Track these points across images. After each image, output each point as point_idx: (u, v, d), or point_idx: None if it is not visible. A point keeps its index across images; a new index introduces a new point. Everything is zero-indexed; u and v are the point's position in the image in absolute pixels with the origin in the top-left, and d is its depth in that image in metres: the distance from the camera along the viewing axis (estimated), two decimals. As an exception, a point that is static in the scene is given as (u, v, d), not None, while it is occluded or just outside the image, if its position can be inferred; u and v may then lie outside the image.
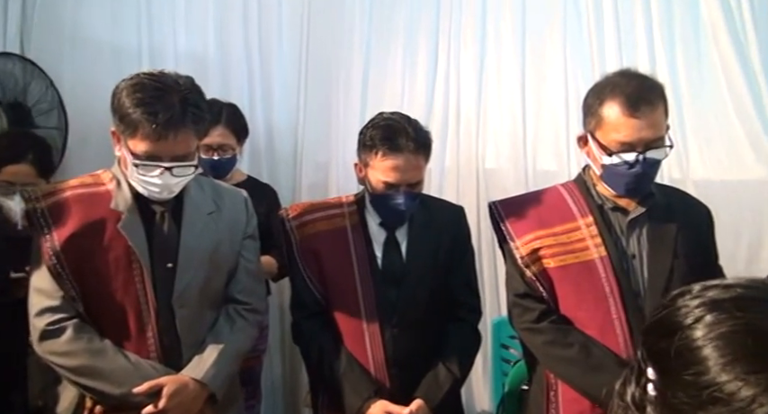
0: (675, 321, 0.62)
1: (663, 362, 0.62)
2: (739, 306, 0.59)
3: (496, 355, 2.30)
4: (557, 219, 1.51)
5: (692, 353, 0.59)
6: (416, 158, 1.58)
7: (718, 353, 0.57)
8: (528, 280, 1.51)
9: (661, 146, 1.40)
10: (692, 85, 2.21)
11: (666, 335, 0.62)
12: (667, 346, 0.61)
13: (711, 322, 0.59)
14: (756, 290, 0.61)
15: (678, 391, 0.60)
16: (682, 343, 0.60)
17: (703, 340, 0.58)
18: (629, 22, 2.25)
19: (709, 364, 0.57)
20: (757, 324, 0.57)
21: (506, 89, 2.45)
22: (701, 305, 0.61)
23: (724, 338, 0.57)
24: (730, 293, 0.61)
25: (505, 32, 2.43)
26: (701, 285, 0.64)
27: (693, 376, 0.58)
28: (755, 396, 0.54)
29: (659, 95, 1.40)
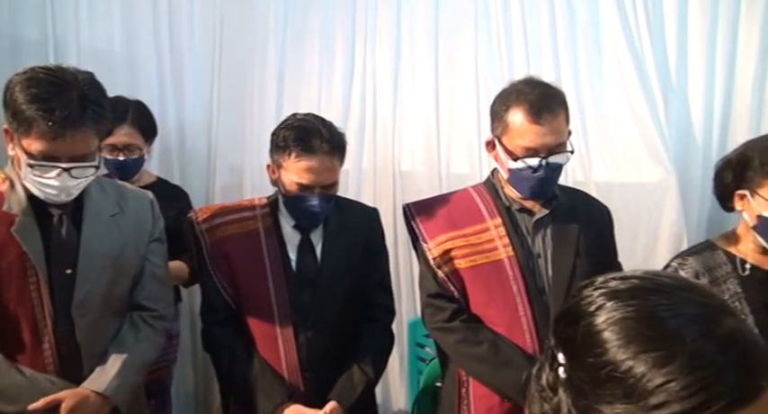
0: (581, 310, 0.68)
1: (570, 347, 0.68)
2: (634, 295, 0.65)
3: (412, 354, 2.33)
4: (467, 220, 1.56)
5: (593, 337, 0.65)
6: (331, 160, 1.57)
7: (615, 336, 0.63)
8: (440, 280, 1.55)
9: (563, 151, 1.47)
10: (594, 93, 2.34)
11: (573, 322, 0.68)
12: (574, 332, 0.67)
13: (610, 309, 0.65)
14: (649, 281, 0.68)
15: (581, 372, 0.66)
16: (585, 329, 0.66)
17: (603, 325, 0.64)
18: (535, 32, 2.35)
19: (607, 346, 0.63)
20: (648, 310, 0.64)
21: (421, 93, 2.49)
22: (602, 295, 0.67)
23: (620, 323, 0.64)
24: (627, 284, 0.67)
25: (419, 38, 2.47)
26: (603, 277, 0.70)
27: (594, 358, 0.64)
28: (645, 373, 0.60)
29: (561, 103, 1.47)
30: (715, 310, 0.64)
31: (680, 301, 0.64)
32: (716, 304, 0.65)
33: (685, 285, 0.67)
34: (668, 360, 0.59)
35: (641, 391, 0.60)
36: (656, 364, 0.60)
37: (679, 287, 0.66)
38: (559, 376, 0.69)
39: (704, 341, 0.60)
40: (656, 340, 0.61)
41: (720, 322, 0.62)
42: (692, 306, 0.64)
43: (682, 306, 0.64)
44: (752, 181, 1.49)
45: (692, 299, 0.65)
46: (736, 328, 0.62)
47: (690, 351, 0.59)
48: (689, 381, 0.58)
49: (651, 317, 0.63)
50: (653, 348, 0.61)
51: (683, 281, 0.69)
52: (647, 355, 0.60)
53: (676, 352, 0.59)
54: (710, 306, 0.64)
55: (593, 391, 0.64)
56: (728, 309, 0.66)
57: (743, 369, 0.60)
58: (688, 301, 0.64)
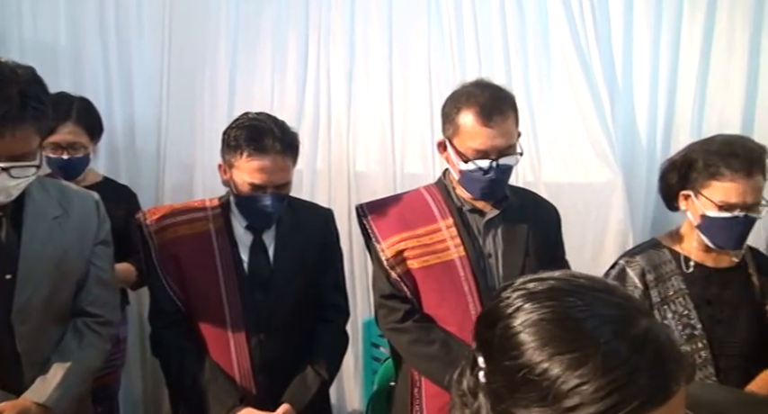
0: (499, 312, 0.67)
1: (489, 350, 0.67)
2: (551, 296, 0.65)
3: (367, 354, 2.34)
4: (420, 221, 1.57)
5: (510, 339, 0.64)
6: (283, 160, 1.56)
7: (531, 338, 0.63)
8: (393, 281, 1.56)
9: (513, 153, 1.50)
10: (544, 95, 2.38)
11: (491, 325, 0.67)
12: (492, 334, 0.66)
13: (527, 311, 0.64)
14: (566, 282, 0.67)
15: (499, 375, 0.65)
16: (503, 331, 0.65)
17: (520, 327, 0.64)
18: (487, 35, 2.38)
19: (523, 348, 0.63)
20: (564, 311, 0.63)
21: (375, 94, 2.49)
22: (520, 296, 0.66)
23: (536, 325, 0.63)
24: (544, 285, 0.67)
25: (373, 39, 2.47)
26: (522, 279, 0.70)
27: (511, 361, 0.63)
28: (560, 375, 0.60)
29: (511, 105, 1.50)
30: (630, 311, 0.64)
31: (595, 302, 0.64)
32: (631, 305, 0.65)
33: (601, 286, 0.67)
34: (582, 362, 0.59)
35: (556, 394, 0.59)
36: (570, 365, 0.59)
37: (595, 288, 0.66)
38: (479, 380, 0.68)
39: (618, 342, 0.60)
40: (571, 342, 0.61)
41: (635, 323, 0.62)
42: (608, 307, 0.64)
43: (597, 307, 0.63)
44: (696, 182, 1.55)
45: (608, 300, 0.65)
46: (651, 329, 0.62)
47: (603, 352, 0.59)
48: (602, 382, 0.58)
49: (567, 318, 0.63)
50: (568, 350, 0.60)
51: (599, 282, 0.68)
52: (562, 356, 0.60)
53: (590, 353, 0.59)
54: (626, 307, 0.64)
55: (509, 395, 0.63)
56: (644, 310, 0.66)
57: (656, 370, 0.60)
58: (604, 302, 0.64)
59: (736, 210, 1.49)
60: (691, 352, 1.56)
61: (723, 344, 1.57)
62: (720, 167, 1.50)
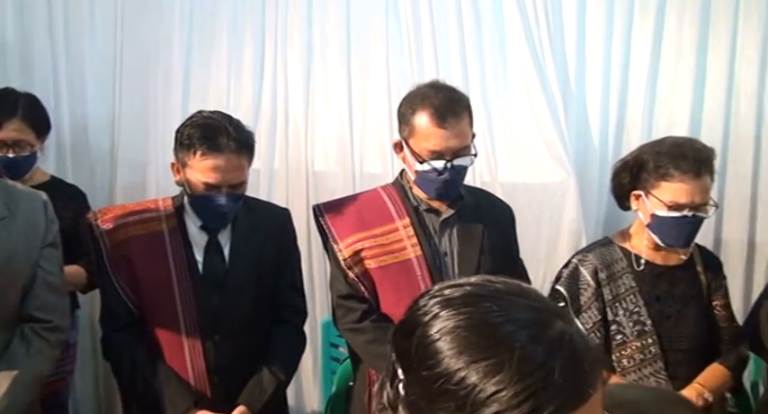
0: (416, 320, 0.65)
1: (407, 360, 0.65)
2: (467, 302, 0.63)
3: (326, 355, 2.32)
4: (377, 221, 1.57)
5: (427, 348, 0.62)
6: (238, 159, 1.53)
7: (448, 346, 0.61)
8: (350, 281, 1.56)
9: (467, 154, 1.51)
10: (500, 97, 2.42)
11: (409, 334, 0.65)
12: (409, 344, 0.64)
13: (444, 318, 0.63)
14: (482, 287, 0.66)
15: (417, 387, 0.63)
16: (420, 340, 0.63)
17: (437, 335, 0.62)
18: (444, 37, 2.39)
19: (440, 356, 0.61)
20: (480, 317, 0.62)
21: (333, 93, 2.48)
22: (436, 303, 0.65)
23: (453, 332, 0.61)
24: (461, 291, 0.65)
25: (331, 38, 2.46)
26: (438, 286, 0.68)
27: (428, 370, 0.61)
28: (477, 383, 0.58)
29: (465, 107, 1.51)
30: (546, 314, 0.63)
31: (511, 306, 0.63)
32: (547, 308, 0.65)
33: (517, 290, 0.66)
34: (499, 368, 0.58)
35: (474, 402, 0.58)
36: (487, 373, 0.58)
37: (511, 292, 0.65)
38: (399, 393, 0.66)
39: (534, 346, 0.59)
40: (488, 348, 0.59)
41: (551, 326, 0.62)
42: (523, 311, 0.63)
43: (513, 311, 0.62)
44: (646, 182, 1.60)
45: (524, 304, 0.64)
46: (567, 332, 0.62)
47: (519, 357, 0.58)
48: (519, 388, 0.57)
49: (483, 324, 0.61)
50: (484, 357, 0.59)
51: (514, 286, 0.67)
52: (478, 364, 0.59)
53: (506, 359, 0.58)
54: (541, 310, 0.64)
55: (427, 406, 0.62)
56: (560, 312, 0.65)
57: (571, 373, 0.59)
58: (519, 306, 0.63)
59: (684, 209, 1.54)
60: (641, 347, 1.61)
61: (672, 339, 1.62)
62: (670, 169, 1.55)
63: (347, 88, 2.45)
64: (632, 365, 1.61)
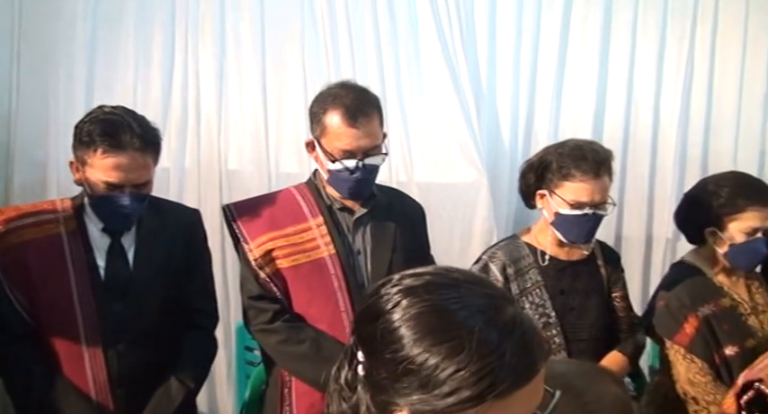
0: (379, 307, 0.70)
1: (369, 344, 0.70)
2: (428, 290, 0.69)
3: (240, 359, 2.27)
4: (289, 220, 1.56)
5: (391, 334, 0.67)
6: (143, 157, 1.46)
7: (410, 331, 0.66)
8: (262, 281, 1.53)
9: (378, 153, 1.53)
10: (415, 99, 2.46)
11: (372, 320, 0.70)
12: (373, 329, 0.69)
13: (406, 306, 0.68)
14: (441, 276, 0.72)
15: (381, 368, 0.68)
16: (384, 326, 0.68)
17: (400, 321, 0.67)
18: (360, 37, 2.41)
19: (404, 341, 0.66)
20: (440, 304, 0.68)
21: (247, 89, 2.43)
22: (398, 292, 0.70)
23: (415, 318, 0.67)
24: (421, 280, 0.71)
25: (245, 35, 2.41)
26: (399, 275, 0.73)
27: (392, 354, 0.67)
28: (438, 363, 0.64)
29: (375, 107, 1.52)
30: (498, 300, 0.70)
31: (468, 293, 0.69)
32: (499, 294, 0.71)
33: (472, 279, 0.72)
34: (459, 350, 0.64)
35: (435, 381, 0.64)
36: (448, 354, 0.64)
37: (467, 281, 0.71)
38: (358, 374, 0.71)
39: (489, 329, 0.65)
40: (448, 332, 0.65)
41: (503, 311, 0.68)
42: (479, 297, 0.69)
43: (469, 298, 0.68)
44: (551, 182, 1.67)
45: (478, 291, 0.70)
46: (517, 316, 0.69)
47: (477, 339, 0.64)
48: (477, 367, 0.63)
49: (442, 310, 0.67)
50: (445, 340, 0.65)
51: (470, 275, 0.73)
52: (440, 346, 0.64)
53: (465, 341, 0.64)
54: (494, 296, 0.70)
55: (391, 386, 0.67)
56: (509, 298, 0.72)
57: (522, 352, 0.66)
58: (475, 294, 0.69)
59: (585, 208, 1.62)
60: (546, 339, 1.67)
61: (575, 330, 1.70)
62: (572, 169, 1.62)
63: (262, 85, 2.42)
64: (538, 357, 1.67)
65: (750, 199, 1.61)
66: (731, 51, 2.52)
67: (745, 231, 1.62)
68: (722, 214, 1.64)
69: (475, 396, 0.63)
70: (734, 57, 2.52)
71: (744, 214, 1.61)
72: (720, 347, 1.61)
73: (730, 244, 1.64)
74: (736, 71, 2.52)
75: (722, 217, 1.64)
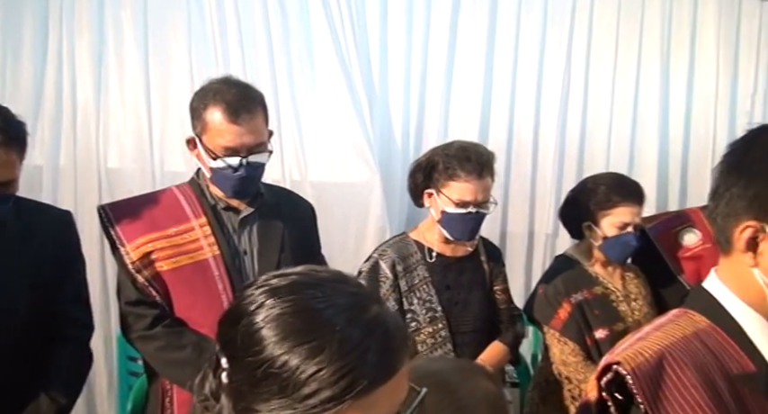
0: (242, 309, 0.68)
1: (232, 349, 0.68)
2: (293, 290, 0.68)
3: (122, 370, 2.15)
4: (170, 220, 1.49)
5: (252, 336, 0.65)
6: (6, 153, 1.33)
7: (272, 332, 0.64)
8: (140, 285, 1.46)
9: (263, 150, 1.49)
10: (309, 98, 2.45)
11: (234, 323, 0.68)
12: (235, 333, 0.67)
13: (270, 306, 0.66)
14: (307, 276, 0.70)
15: (241, 374, 0.66)
16: (245, 328, 0.66)
17: (262, 322, 0.65)
18: (250, 33, 2.36)
19: (265, 343, 0.64)
20: (304, 304, 0.66)
21: (129, 82, 2.31)
22: (263, 293, 0.68)
23: (277, 319, 0.65)
24: (287, 280, 0.69)
25: (126, 22, 2.28)
26: (266, 276, 0.71)
27: (253, 357, 0.64)
28: (298, 365, 0.63)
29: (259, 103, 1.49)
30: (363, 299, 0.69)
31: (333, 292, 0.68)
32: (364, 293, 0.71)
33: (339, 278, 0.71)
34: (320, 350, 0.63)
35: (295, 384, 0.62)
36: (308, 355, 0.63)
37: (334, 280, 0.70)
38: (222, 382, 0.68)
39: (352, 328, 0.65)
40: (310, 332, 0.64)
41: (367, 309, 0.68)
42: (344, 296, 0.68)
43: (334, 297, 0.67)
44: (437, 182, 1.73)
45: (344, 290, 0.69)
46: (381, 314, 0.68)
47: (339, 339, 0.63)
48: (337, 367, 0.62)
49: (306, 310, 0.66)
50: (306, 340, 0.63)
51: (336, 274, 0.72)
52: (301, 347, 0.63)
53: (327, 341, 0.63)
54: (359, 295, 0.70)
55: (251, 391, 0.65)
56: (375, 296, 0.72)
57: (383, 351, 0.65)
58: (340, 292, 0.68)
59: (469, 206, 1.69)
60: (432, 332, 1.74)
61: (459, 322, 1.77)
62: (457, 170, 1.68)
63: (144, 77, 2.30)
64: (425, 350, 1.73)
65: (622, 196, 1.77)
66: (604, 59, 2.73)
67: (617, 226, 1.77)
68: (597, 210, 1.79)
69: (335, 396, 0.62)
70: (607, 64, 2.73)
71: (616, 210, 1.77)
72: (591, 330, 1.76)
73: (604, 237, 1.78)
74: (609, 78, 2.73)
75: (597, 212, 1.79)
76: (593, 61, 2.72)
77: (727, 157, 0.86)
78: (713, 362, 0.84)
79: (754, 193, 0.81)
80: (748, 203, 0.81)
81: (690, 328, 0.89)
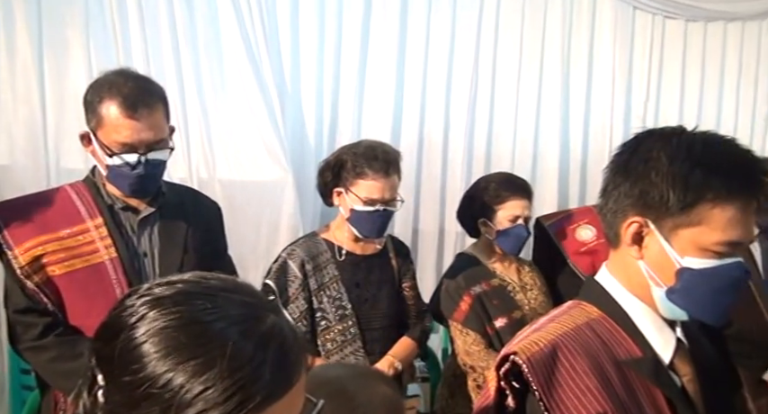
0: (121, 322, 0.61)
1: (109, 365, 0.61)
2: (177, 301, 0.61)
3: (15, 384, 2.01)
4: (63, 222, 1.40)
5: (132, 352, 0.59)
6: None
7: (154, 348, 0.58)
8: (30, 292, 1.36)
9: (164, 147, 1.42)
10: (217, 94, 2.38)
11: (113, 337, 0.61)
12: (112, 348, 0.60)
13: (152, 319, 0.60)
14: (196, 284, 0.64)
15: (118, 394, 0.60)
16: (124, 344, 0.60)
17: (144, 337, 0.59)
18: (154, 24, 2.27)
19: (146, 360, 0.58)
20: (192, 316, 0.60)
21: (21, 74, 2.15)
22: (145, 304, 0.61)
23: (161, 333, 0.59)
24: (172, 290, 0.63)
25: (17, 5, 2.12)
26: (149, 284, 0.65)
27: (132, 375, 0.58)
28: (183, 384, 0.57)
29: (159, 98, 1.42)
30: (257, 309, 0.64)
31: (225, 302, 0.62)
32: (259, 302, 0.65)
33: (231, 286, 0.65)
34: (208, 367, 0.57)
35: (179, 404, 0.57)
36: (195, 372, 0.57)
37: (225, 289, 0.64)
38: (98, 401, 0.62)
39: (245, 342, 0.59)
40: (197, 347, 0.58)
41: (262, 320, 0.62)
42: (236, 307, 0.62)
43: (226, 308, 0.62)
44: (346, 180, 1.74)
45: (237, 299, 0.63)
46: (277, 325, 0.63)
47: (230, 354, 0.58)
48: (227, 384, 0.57)
49: (194, 323, 0.60)
50: (193, 356, 0.58)
51: (229, 281, 0.67)
52: (186, 364, 0.57)
53: (216, 357, 0.58)
54: (253, 305, 0.64)
55: (128, 413, 0.59)
56: (271, 306, 0.66)
57: (279, 365, 0.60)
58: (232, 302, 0.63)
59: (377, 204, 1.72)
60: (342, 330, 1.75)
61: (369, 320, 1.80)
62: (364, 168, 1.71)
63: (38, 68, 2.15)
64: (335, 347, 1.74)
65: (511, 191, 1.90)
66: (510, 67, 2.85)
67: (508, 219, 1.89)
68: (491, 205, 1.90)
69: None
70: (511, 71, 2.85)
71: (507, 203, 1.89)
72: (491, 320, 1.86)
73: (498, 231, 1.88)
74: (514, 84, 2.85)
75: (491, 207, 1.90)
76: (498, 69, 2.84)
77: (615, 159, 0.93)
78: (603, 349, 0.90)
79: (639, 192, 0.87)
80: (634, 201, 0.88)
81: (582, 318, 0.94)
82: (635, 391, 0.88)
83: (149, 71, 2.18)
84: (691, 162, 0.84)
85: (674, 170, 0.84)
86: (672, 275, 0.88)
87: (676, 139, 0.87)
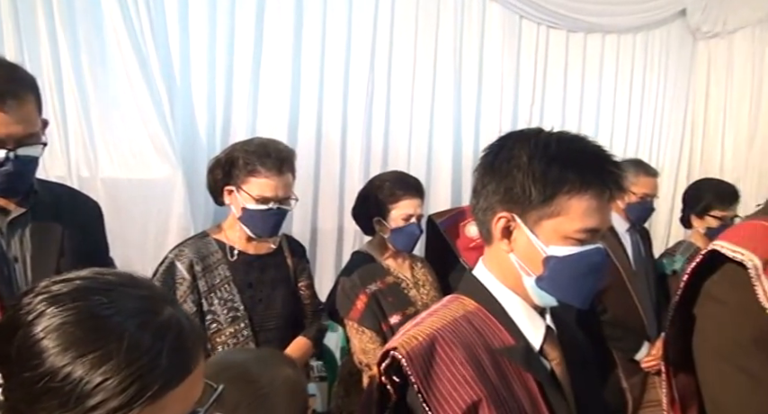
0: (18, 320, 0.63)
1: (8, 364, 0.62)
2: (75, 297, 0.63)
3: None
4: None
5: (30, 349, 0.61)
6: None
7: (53, 343, 0.60)
8: None
9: (36, 142, 1.32)
10: (99, 87, 2.25)
11: (10, 335, 0.62)
12: (10, 346, 0.62)
13: (50, 315, 0.62)
14: (93, 280, 0.66)
15: (18, 391, 0.62)
16: (22, 341, 0.61)
17: (42, 333, 0.61)
18: (29, 12, 2.11)
19: (44, 355, 0.60)
20: (89, 311, 0.63)
21: None
22: (42, 301, 0.63)
23: (59, 329, 0.61)
24: (70, 286, 0.65)
25: None
26: (46, 281, 0.66)
27: (31, 371, 0.60)
28: (82, 376, 0.59)
29: (30, 89, 1.31)
30: (154, 302, 0.67)
31: (122, 296, 0.65)
32: (156, 295, 0.68)
33: (128, 281, 0.68)
34: (106, 358, 0.60)
35: (78, 396, 0.59)
36: (94, 365, 0.60)
37: (122, 283, 0.67)
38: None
39: (142, 333, 0.62)
40: (95, 341, 0.61)
41: (160, 312, 0.66)
42: (133, 300, 0.65)
43: (123, 302, 0.64)
44: (237, 178, 1.69)
45: (134, 293, 0.66)
46: (174, 316, 0.67)
47: (127, 346, 0.61)
48: (125, 375, 0.60)
49: (91, 317, 0.62)
50: (92, 350, 0.60)
51: (125, 276, 0.69)
52: (84, 358, 0.60)
53: (114, 349, 0.60)
54: (150, 298, 0.67)
55: (28, 409, 0.61)
56: (168, 298, 0.70)
57: (176, 353, 0.64)
58: (129, 297, 0.66)
59: (270, 203, 1.69)
60: (234, 332, 1.70)
61: (263, 320, 1.76)
62: (257, 166, 1.67)
63: None
64: (226, 350, 1.69)
65: (405, 190, 1.95)
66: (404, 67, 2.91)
67: (402, 217, 1.93)
68: (385, 203, 1.93)
69: (123, 404, 0.60)
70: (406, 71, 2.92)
71: (401, 202, 1.93)
72: (387, 317, 1.89)
73: (392, 229, 1.92)
74: (409, 83, 2.92)
75: (385, 206, 1.94)
76: (394, 71, 2.92)
77: (482, 160, 0.99)
78: (478, 339, 0.95)
79: (505, 189, 0.94)
80: (500, 197, 0.94)
81: (460, 311, 0.99)
82: (507, 377, 0.93)
83: (23, 60, 2.03)
84: (548, 159, 0.91)
85: (533, 167, 0.91)
86: (540, 264, 0.94)
87: (534, 139, 0.94)
